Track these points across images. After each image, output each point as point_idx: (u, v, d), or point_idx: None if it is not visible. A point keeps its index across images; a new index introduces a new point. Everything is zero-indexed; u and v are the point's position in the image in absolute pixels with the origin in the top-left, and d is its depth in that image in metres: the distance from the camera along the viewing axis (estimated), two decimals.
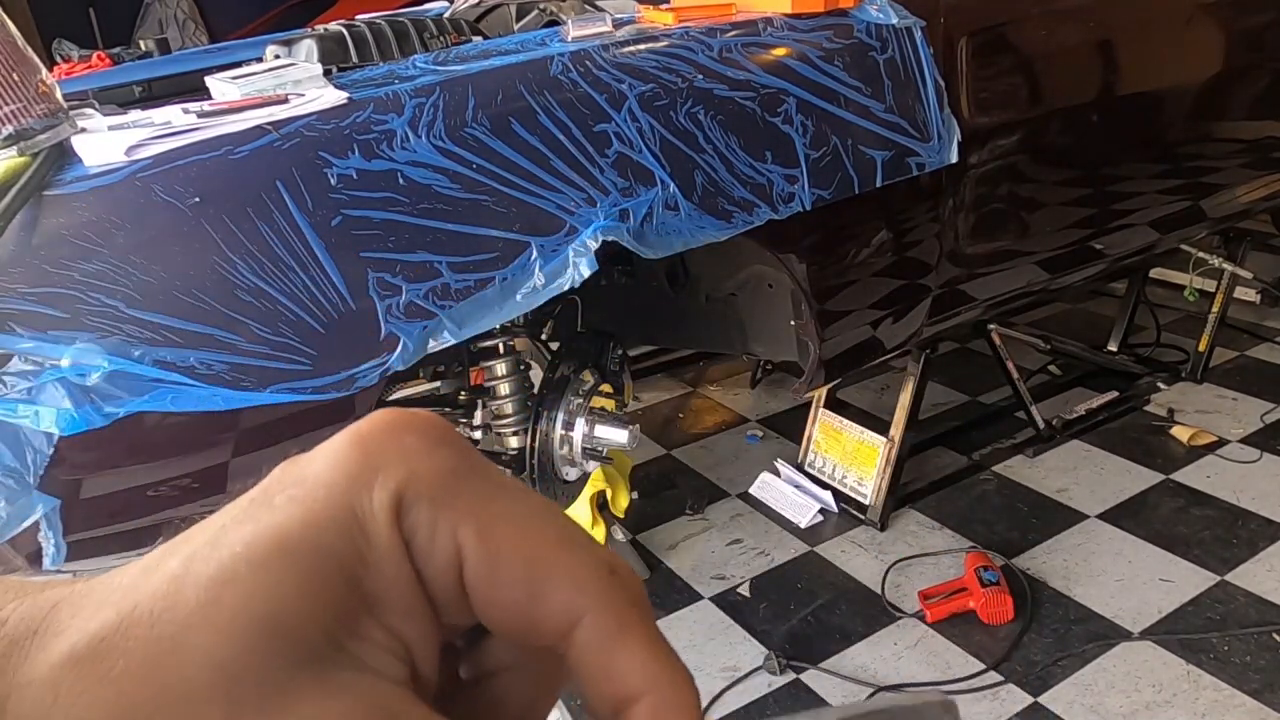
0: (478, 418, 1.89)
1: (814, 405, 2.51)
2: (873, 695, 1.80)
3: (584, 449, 1.75)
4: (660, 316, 2.18)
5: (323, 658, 0.20)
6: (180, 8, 5.54)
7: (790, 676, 1.90)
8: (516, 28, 2.10)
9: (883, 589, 2.10)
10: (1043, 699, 1.77)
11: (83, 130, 1.22)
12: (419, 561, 0.22)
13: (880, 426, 2.35)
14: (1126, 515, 2.27)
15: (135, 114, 1.33)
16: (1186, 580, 2.04)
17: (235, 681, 0.19)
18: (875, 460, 2.33)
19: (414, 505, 0.22)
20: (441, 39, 1.85)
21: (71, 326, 1.10)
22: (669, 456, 2.73)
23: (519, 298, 1.35)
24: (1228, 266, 2.82)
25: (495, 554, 0.22)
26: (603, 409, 1.79)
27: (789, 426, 2.78)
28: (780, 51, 1.60)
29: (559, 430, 1.74)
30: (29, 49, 1.14)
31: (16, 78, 1.11)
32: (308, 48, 1.70)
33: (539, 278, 1.35)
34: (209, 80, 1.46)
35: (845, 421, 2.44)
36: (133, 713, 0.19)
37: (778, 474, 2.49)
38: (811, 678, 1.89)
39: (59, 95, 1.17)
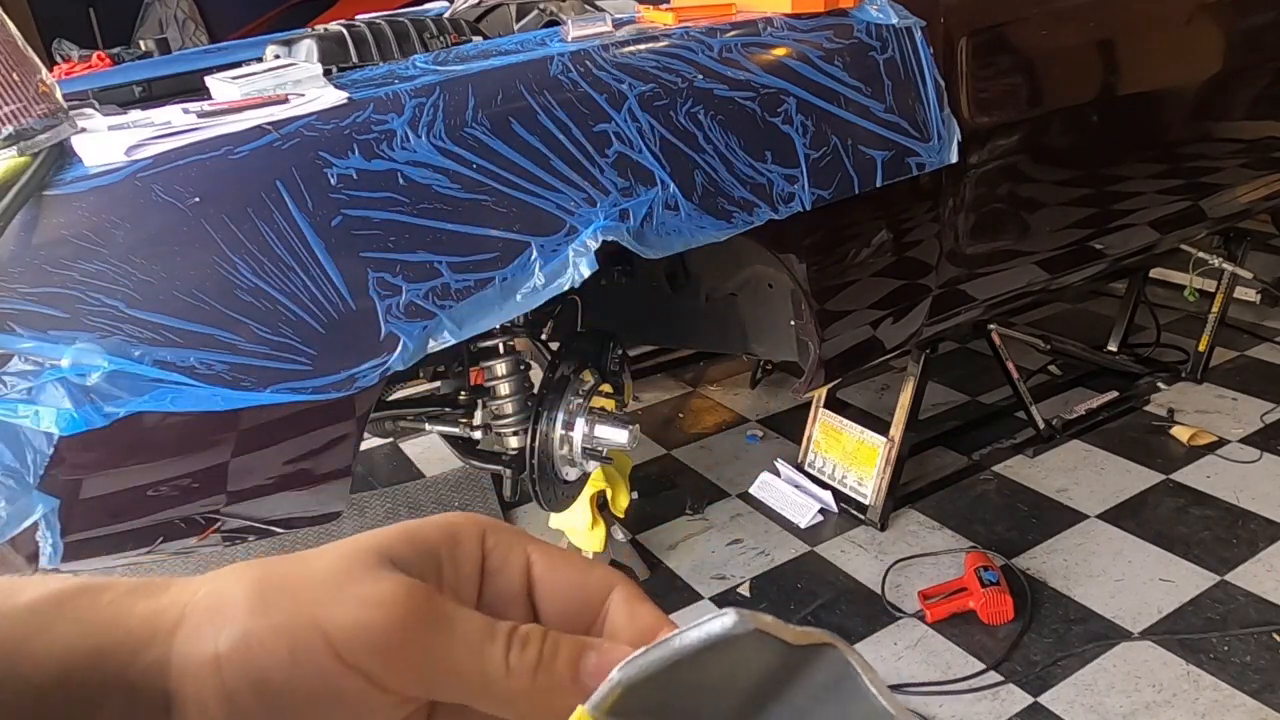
0: (478, 418, 1.89)
1: (814, 405, 2.51)
2: None
3: (584, 449, 1.75)
4: (660, 316, 2.18)
5: (399, 571, 0.31)
6: (180, 8, 5.54)
7: None
8: (516, 28, 2.10)
9: (883, 589, 2.10)
10: (1043, 699, 1.77)
11: (83, 130, 1.22)
12: (493, 566, 0.33)
13: (880, 426, 2.35)
14: (1126, 515, 2.27)
15: (135, 114, 1.33)
16: (1186, 580, 2.04)
17: (354, 566, 0.30)
18: (875, 460, 2.33)
19: (495, 534, 0.34)
20: (441, 39, 1.85)
21: (71, 326, 1.10)
22: (669, 456, 2.73)
23: (519, 298, 1.35)
24: (1228, 266, 2.82)
25: (554, 558, 0.34)
26: (603, 409, 1.79)
27: (789, 426, 2.78)
28: (780, 51, 1.60)
29: (559, 430, 1.74)
30: (29, 49, 1.14)
31: (16, 78, 1.11)
32: (308, 48, 1.70)
33: (539, 278, 1.35)
34: (209, 80, 1.46)
35: (845, 421, 2.44)
36: (287, 585, 0.29)
37: (778, 474, 2.49)
38: None
39: (59, 95, 1.17)
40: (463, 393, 1.87)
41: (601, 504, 2.11)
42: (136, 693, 0.27)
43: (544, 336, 2.11)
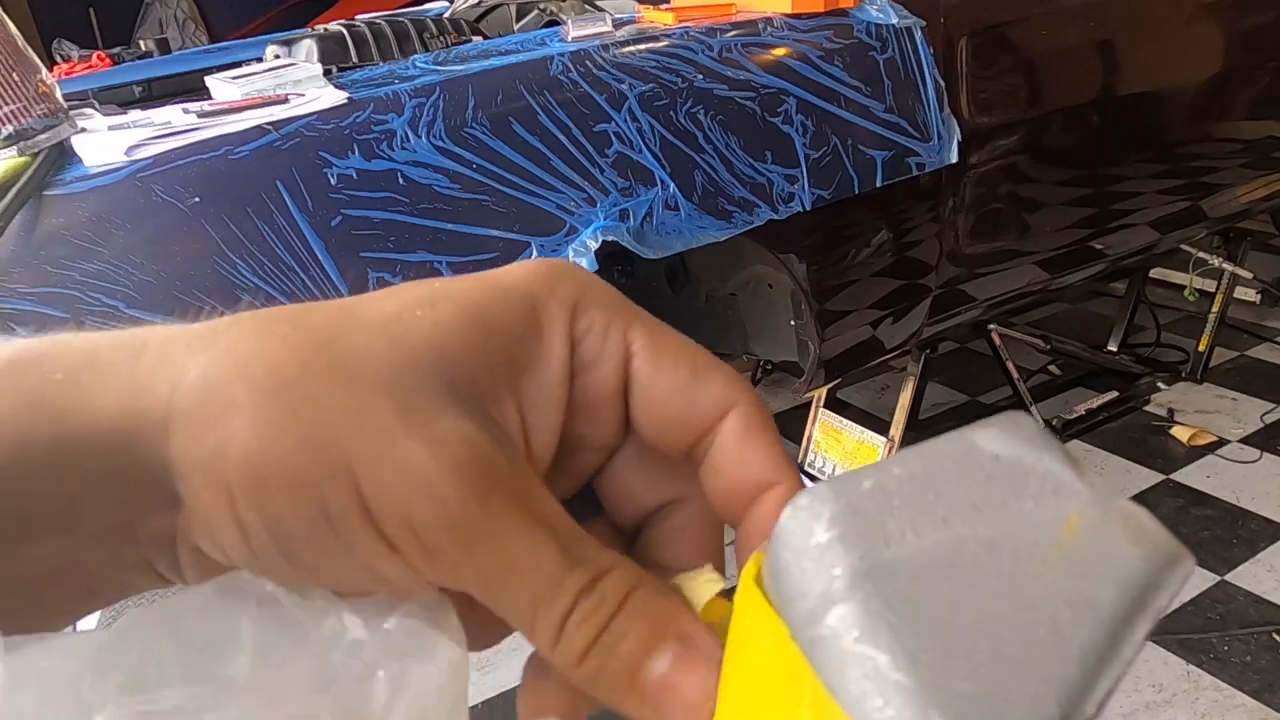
0: None
1: (814, 405, 2.51)
2: None
3: None
4: (660, 316, 2.18)
5: (464, 399, 0.23)
6: (180, 8, 5.55)
7: None
8: (516, 28, 2.10)
9: None
10: None
11: (83, 130, 1.22)
12: (585, 359, 0.25)
13: (880, 426, 2.35)
14: None
15: (135, 114, 1.33)
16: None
17: (404, 388, 0.22)
18: (875, 460, 2.33)
19: (589, 309, 0.25)
20: (441, 39, 1.85)
21: (71, 327, 1.10)
22: None
23: None
24: (1228, 266, 2.82)
25: (663, 349, 0.26)
26: None
27: (789, 426, 2.78)
28: (780, 51, 1.60)
29: None
30: (29, 49, 1.15)
31: (16, 78, 1.11)
32: (308, 48, 1.70)
33: None
34: (209, 80, 1.47)
35: (845, 421, 2.44)
36: (306, 390, 0.22)
37: None
38: None
39: (59, 95, 1.17)
40: None
41: None
42: (137, 483, 0.22)
43: None
